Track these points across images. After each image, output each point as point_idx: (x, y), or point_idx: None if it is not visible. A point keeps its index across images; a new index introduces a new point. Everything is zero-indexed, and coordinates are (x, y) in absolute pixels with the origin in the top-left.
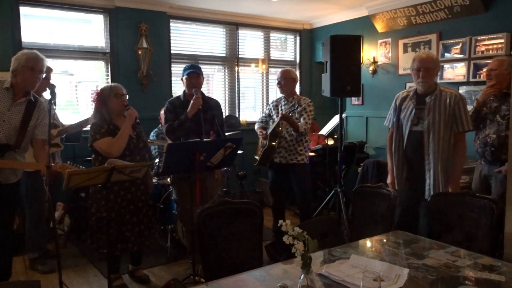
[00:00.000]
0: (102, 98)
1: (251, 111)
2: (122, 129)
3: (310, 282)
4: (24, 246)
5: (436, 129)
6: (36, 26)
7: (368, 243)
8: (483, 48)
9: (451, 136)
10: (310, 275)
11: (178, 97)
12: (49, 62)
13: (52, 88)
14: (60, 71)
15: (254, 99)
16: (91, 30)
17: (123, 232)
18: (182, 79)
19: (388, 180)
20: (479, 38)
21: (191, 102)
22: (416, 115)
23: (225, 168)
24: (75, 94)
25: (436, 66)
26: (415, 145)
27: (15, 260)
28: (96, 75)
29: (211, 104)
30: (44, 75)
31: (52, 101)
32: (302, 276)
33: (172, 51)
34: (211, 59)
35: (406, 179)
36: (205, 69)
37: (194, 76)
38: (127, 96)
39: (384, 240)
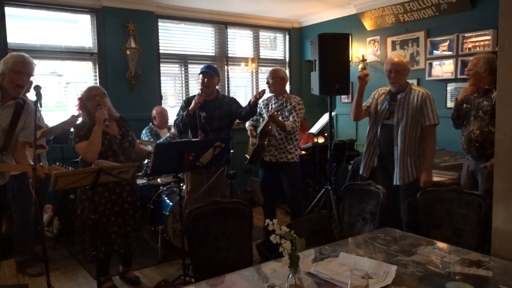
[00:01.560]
0: (82, 101)
1: None
2: (92, 134)
3: (298, 281)
4: (12, 249)
5: (403, 123)
6: (22, 27)
7: (357, 240)
8: (470, 45)
9: (418, 130)
10: (298, 274)
11: (194, 95)
12: (36, 63)
13: (37, 89)
14: (49, 72)
15: (245, 98)
16: (78, 30)
17: (109, 234)
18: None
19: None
20: (466, 35)
21: (194, 99)
22: (388, 110)
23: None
24: (64, 95)
25: (406, 69)
26: (386, 137)
27: (4, 264)
28: (85, 76)
29: (224, 102)
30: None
31: (38, 103)
32: (290, 275)
33: (160, 51)
34: (200, 59)
35: (378, 168)
36: (195, 68)
37: (207, 76)
38: (104, 95)
39: (373, 238)
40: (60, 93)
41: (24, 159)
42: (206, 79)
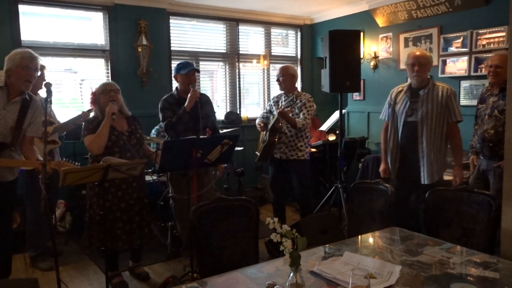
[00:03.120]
0: (95, 95)
1: (255, 107)
2: (101, 127)
3: (300, 280)
4: (24, 244)
5: (429, 119)
6: (35, 24)
7: (363, 239)
8: (484, 42)
9: (443, 126)
10: (300, 272)
11: (171, 94)
12: (50, 60)
13: (48, 86)
14: (64, 69)
15: (258, 95)
16: (91, 27)
17: (114, 230)
18: (175, 76)
19: (381, 168)
20: (480, 31)
21: (189, 95)
22: (410, 107)
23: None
24: (80, 91)
25: (429, 63)
26: (409, 135)
27: (16, 258)
28: (99, 73)
29: (203, 100)
30: (38, 73)
31: (48, 100)
32: (291, 274)
33: (172, 48)
34: (212, 56)
35: (399, 168)
36: (207, 65)
37: (193, 73)
38: (118, 91)
39: (379, 237)
40: (75, 90)
41: (32, 154)
42: (192, 77)
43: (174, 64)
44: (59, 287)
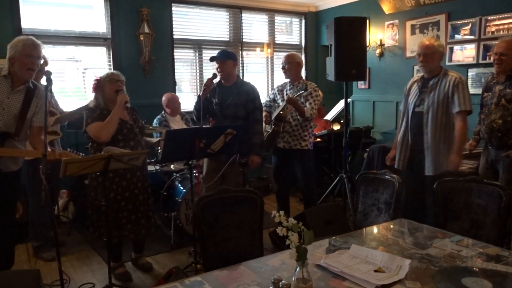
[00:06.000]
0: (99, 84)
1: None
2: (112, 113)
3: (306, 274)
4: (27, 234)
5: (434, 109)
6: (36, 12)
7: (370, 231)
8: (493, 29)
9: (450, 116)
10: (306, 267)
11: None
12: (51, 49)
13: (48, 75)
14: (66, 58)
15: (261, 84)
16: (92, 15)
17: (119, 219)
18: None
19: (388, 155)
20: (489, 18)
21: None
22: (419, 97)
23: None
24: (82, 80)
25: (435, 52)
26: (417, 125)
27: (19, 248)
28: (102, 62)
29: (242, 90)
30: (41, 61)
31: (48, 88)
32: (297, 269)
33: (174, 36)
34: (215, 44)
35: (408, 159)
36: (210, 54)
37: (218, 62)
38: (124, 83)
39: (387, 229)
40: (78, 79)
41: (41, 145)
42: (218, 65)
43: (176, 52)
44: (61, 278)
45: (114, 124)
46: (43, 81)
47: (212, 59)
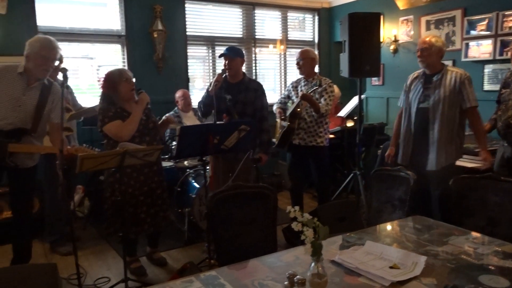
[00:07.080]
0: (112, 82)
1: (271, 93)
2: (134, 113)
3: (321, 269)
4: (44, 229)
5: (440, 106)
6: (51, 10)
7: (385, 228)
8: (511, 24)
9: (456, 113)
10: (321, 262)
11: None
12: (66, 46)
13: (64, 71)
14: (81, 55)
15: (274, 81)
16: (106, 13)
17: (138, 214)
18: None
19: (387, 152)
20: (506, 13)
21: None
22: (423, 93)
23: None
24: (97, 77)
25: (432, 46)
26: (421, 121)
27: (36, 243)
28: (116, 59)
29: (250, 87)
30: (57, 63)
31: (64, 85)
32: (312, 264)
33: (188, 33)
34: (228, 41)
35: (411, 155)
36: (222, 50)
37: (227, 58)
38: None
39: (402, 226)
40: (92, 76)
41: (59, 141)
42: (227, 62)
43: (190, 49)
44: (78, 272)
45: (136, 123)
46: (60, 77)
47: (221, 55)
